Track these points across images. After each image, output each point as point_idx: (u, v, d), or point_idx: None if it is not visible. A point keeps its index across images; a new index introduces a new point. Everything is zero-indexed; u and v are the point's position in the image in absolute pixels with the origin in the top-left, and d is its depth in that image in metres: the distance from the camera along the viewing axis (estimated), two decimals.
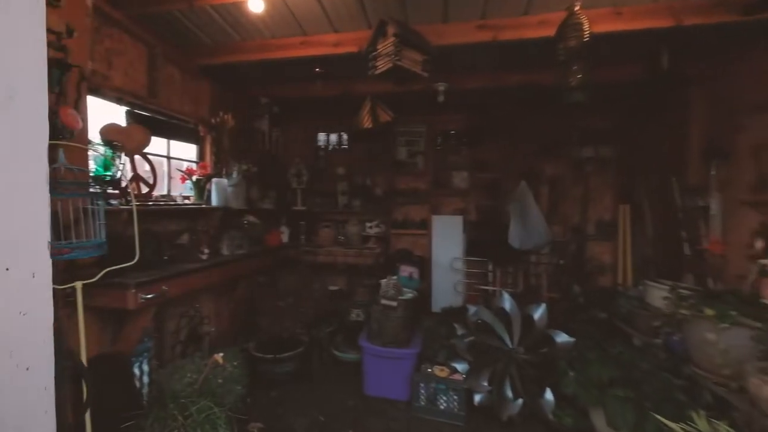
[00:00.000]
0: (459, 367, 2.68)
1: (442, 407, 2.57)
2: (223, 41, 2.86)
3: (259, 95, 3.79)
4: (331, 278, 4.49)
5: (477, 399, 2.55)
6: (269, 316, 3.29)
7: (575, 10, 2.05)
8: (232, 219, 3.38)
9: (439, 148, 4.53)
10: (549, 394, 2.40)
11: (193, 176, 3.04)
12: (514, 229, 3.74)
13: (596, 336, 2.73)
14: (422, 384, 2.62)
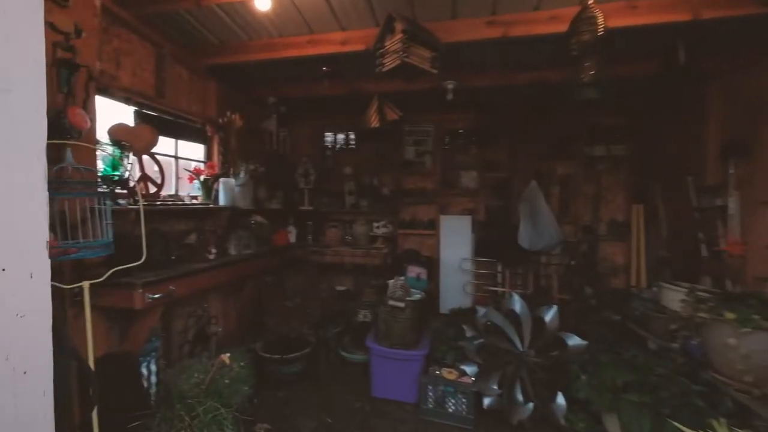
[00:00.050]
0: (468, 369, 2.64)
1: (450, 410, 2.53)
2: (230, 41, 2.86)
3: (266, 95, 3.79)
4: (338, 278, 4.48)
5: (486, 402, 2.50)
6: (276, 316, 3.28)
7: (589, 3, 2.00)
8: (240, 219, 3.39)
9: (447, 147, 4.48)
10: (561, 398, 2.35)
11: (201, 176, 3.05)
12: (524, 229, 3.68)
13: (609, 339, 2.68)
14: (430, 386, 2.58)
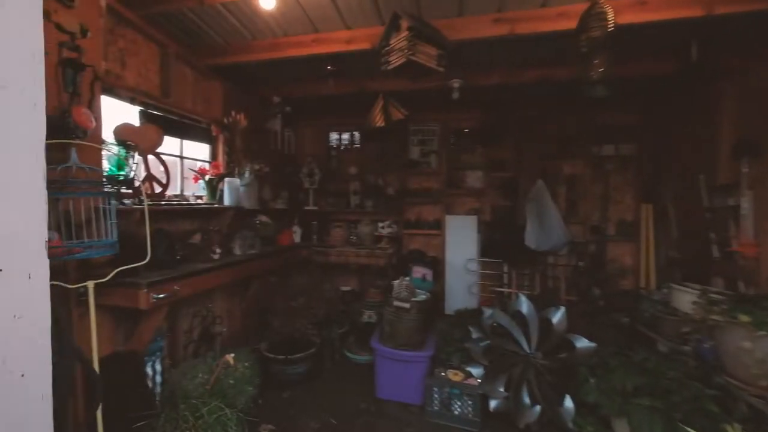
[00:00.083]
0: (474, 371, 2.60)
1: (456, 412, 2.50)
2: (235, 40, 2.85)
3: (271, 95, 3.78)
4: (343, 279, 4.46)
5: (493, 405, 2.47)
6: (281, 316, 3.27)
7: None
8: (245, 219, 3.39)
9: (452, 146, 4.45)
10: (569, 401, 2.31)
11: (206, 176, 3.05)
12: (531, 229, 3.63)
13: (618, 341, 2.63)
14: (436, 388, 2.55)
